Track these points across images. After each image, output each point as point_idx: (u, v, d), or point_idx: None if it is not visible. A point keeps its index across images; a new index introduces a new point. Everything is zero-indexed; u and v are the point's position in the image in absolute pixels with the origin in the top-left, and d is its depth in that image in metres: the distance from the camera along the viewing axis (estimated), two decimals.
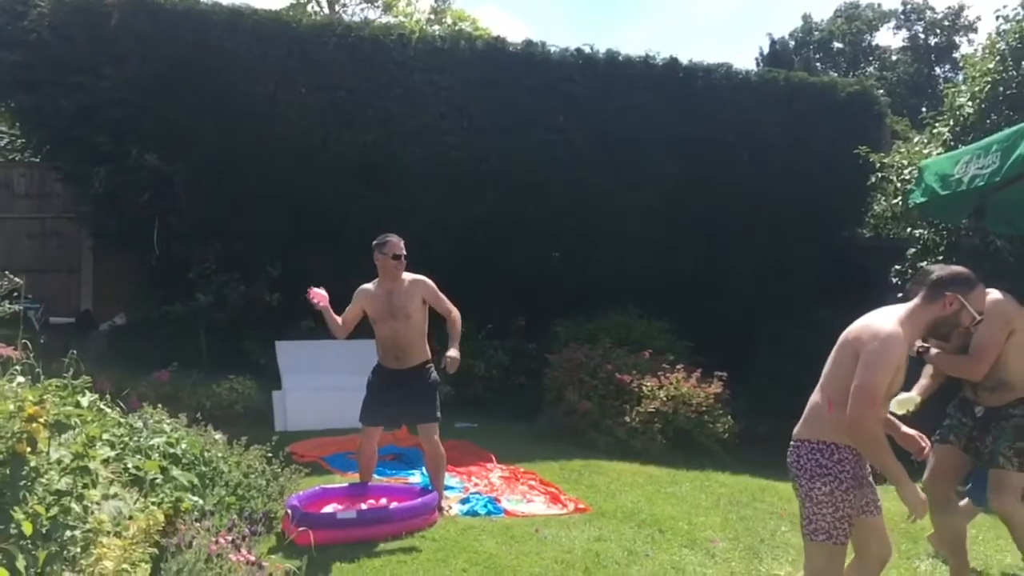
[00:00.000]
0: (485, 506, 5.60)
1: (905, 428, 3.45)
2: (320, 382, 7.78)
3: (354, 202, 8.99)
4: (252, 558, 3.31)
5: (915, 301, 3.28)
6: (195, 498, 3.91)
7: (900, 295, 8.02)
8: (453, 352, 5.22)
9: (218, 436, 5.02)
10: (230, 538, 3.42)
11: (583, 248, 9.88)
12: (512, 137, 9.48)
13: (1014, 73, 7.70)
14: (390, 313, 5.32)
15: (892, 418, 3.47)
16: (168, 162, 8.47)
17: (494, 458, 6.97)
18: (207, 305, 8.50)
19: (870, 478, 3.35)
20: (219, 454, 4.79)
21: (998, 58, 7.89)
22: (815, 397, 3.38)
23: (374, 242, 5.41)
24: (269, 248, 8.85)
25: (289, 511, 4.70)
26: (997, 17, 8.29)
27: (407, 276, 5.36)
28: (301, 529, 4.37)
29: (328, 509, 5.12)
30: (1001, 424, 4.14)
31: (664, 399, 7.68)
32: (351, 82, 9.07)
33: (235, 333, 8.62)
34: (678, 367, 8.09)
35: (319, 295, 5.26)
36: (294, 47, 8.90)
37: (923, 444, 3.41)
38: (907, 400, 3.99)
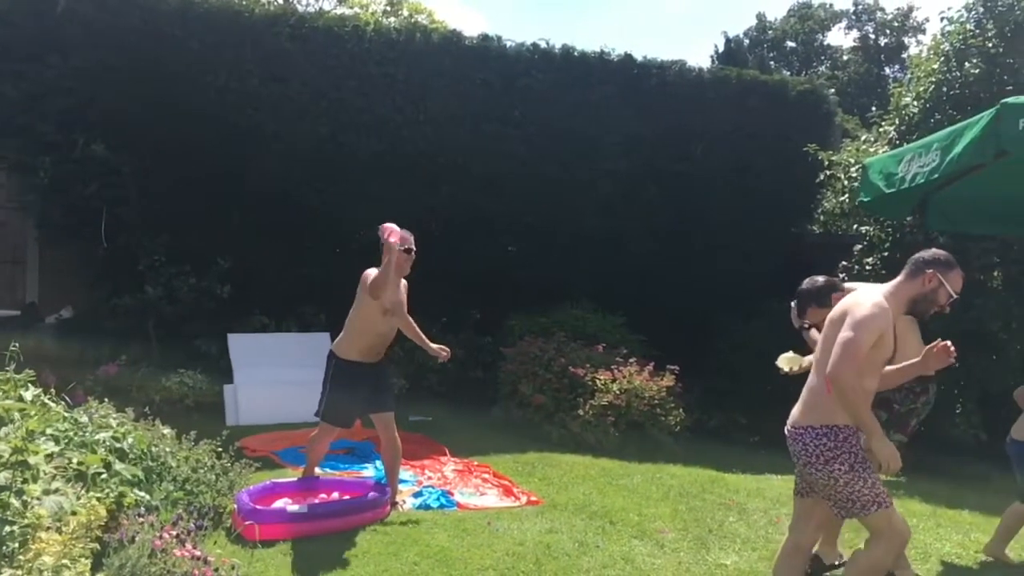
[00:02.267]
0: (438, 499, 5.60)
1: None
2: (273, 376, 7.71)
3: (308, 194, 8.93)
4: (197, 553, 3.27)
5: (898, 278, 3.48)
6: (141, 493, 3.86)
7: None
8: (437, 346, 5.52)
9: (166, 430, 4.95)
10: (175, 533, 3.38)
11: (539, 241, 9.91)
12: (468, 130, 9.49)
13: (957, 74, 7.92)
14: (393, 309, 5.31)
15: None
16: (116, 152, 8.30)
17: (448, 451, 6.99)
18: (156, 298, 8.35)
19: None
20: (167, 449, 4.72)
21: (942, 59, 8.11)
22: (812, 381, 3.47)
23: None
24: (220, 240, 8.73)
25: (238, 506, 4.66)
26: (942, 19, 8.51)
27: None
28: (248, 523, 4.33)
29: (279, 504, 5.08)
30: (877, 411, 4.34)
31: (617, 392, 7.74)
32: (305, 73, 8.98)
33: (185, 326, 8.49)
34: (631, 361, 8.17)
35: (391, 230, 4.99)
36: (246, 37, 8.78)
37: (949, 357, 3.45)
38: (792, 358, 4.40)
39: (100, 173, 8.32)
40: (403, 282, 5.41)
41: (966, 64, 7.89)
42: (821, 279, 4.33)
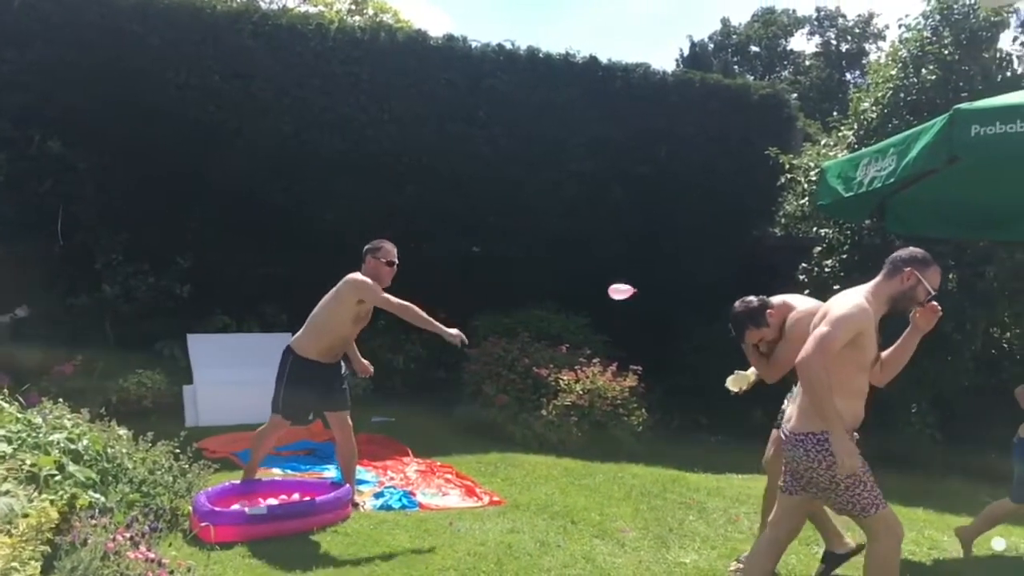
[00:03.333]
0: (400, 500, 5.58)
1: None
2: (233, 376, 7.62)
3: (271, 193, 8.85)
4: (152, 555, 3.23)
5: (877, 278, 3.56)
6: (95, 495, 3.80)
7: (807, 291, 8.37)
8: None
9: (122, 432, 4.87)
10: (128, 535, 3.33)
11: (503, 242, 9.92)
12: (433, 131, 9.47)
13: (914, 80, 8.07)
14: (365, 317, 5.35)
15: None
16: (73, 149, 8.16)
17: (410, 452, 6.97)
18: (114, 297, 8.23)
19: None
20: (123, 450, 4.65)
21: (900, 65, 8.25)
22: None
23: (367, 246, 5.35)
24: (180, 239, 8.61)
25: (196, 507, 4.60)
26: (900, 26, 8.66)
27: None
28: (204, 525, 4.28)
29: (238, 506, 5.02)
30: None
31: (580, 393, 7.77)
32: (268, 71, 8.90)
33: (144, 326, 8.36)
34: (595, 361, 8.20)
35: None
36: (208, 33, 8.68)
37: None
38: (742, 377, 4.52)
39: (56, 170, 8.18)
40: None
41: (923, 71, 8.04)
42: (754, 300, 4.38)
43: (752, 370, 4.60)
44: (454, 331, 5.28)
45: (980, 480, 7.22)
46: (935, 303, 3.55)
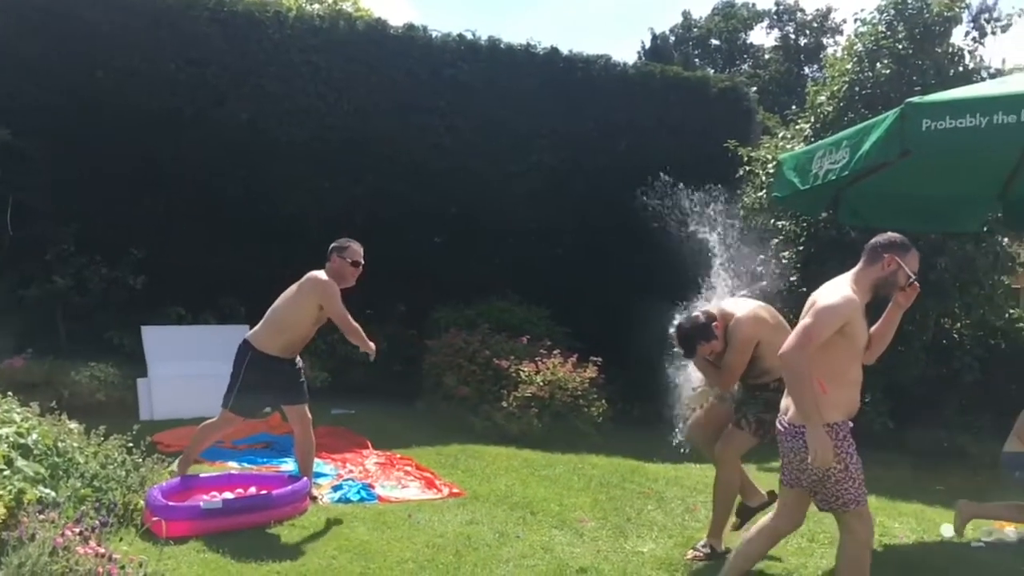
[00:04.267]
0: (358, 492, 5.55)
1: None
2: (188, 369, 7.51)
3: (227, 183, 8.73)
4: (101, 550, 3.17)
5: (858, 266, 3.60)
6: (45, 490, 3.72)
7: (764, 283, 8.47)
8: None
9: (73, 425, 4.78)
10: (78, 530, 3.27)
11: (465, 233, 9.89)
12: (394, 121, 9.41)
13: (869, 74, 8.19)
14: (326, 319, 5.29)
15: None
16: (22, 137, 7.96)
17: (370, 444, 6.93)
18: (65, 288, 8.06)
19: None
20: (75, 444, 4.56)
21: (855, 59, 8.37)
22: None
23: (333, 244, 5.27)
24: (134, 229, 8.45)
25: (149, 502, 4.53)
26: (856, 20, 8.78)
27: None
28: (155, 519, 4.21)
29: (193, 500, 4.95)
30: (757, 395, 4.58)
31: (541, 384, 7.79)
32: (224, 58, 8.78)
33: (97, 318, 8.21)
34: (555, 352, 8.23)
35: None
36: (162, 19, 8.53)
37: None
38: (701, 395, 4.71)
39: (4, 159, 7.97)
40: None
41: (877, 64, 8.16)
42: (699, 315, 4.52)
43: (705, 388, 4.74)
44: (371, 345, 5.35)
45: (931, 467, 7.38)
46: (916, 284, 3.58)
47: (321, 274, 5.18)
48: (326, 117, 9.13)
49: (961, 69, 8.20)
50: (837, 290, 3.48)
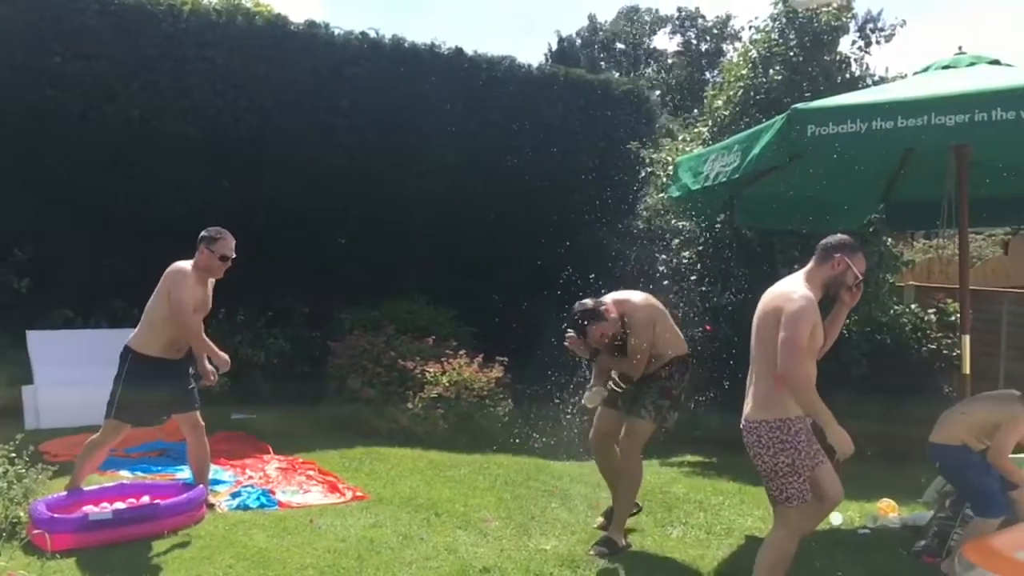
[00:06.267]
0: (258, 499, 5.43)
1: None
2: (77, 375, 7.14)
3: (119, 181, 8.37)
4: None
5: (809, 266, 3.74)
6: None
7: (666, 282, 8.68)
8: (211, 366, 5.17)
9: None
10: None
11: (370, 234, 9.76)
12: (294, 119, 9.21)
13: (763, 80, 8.45)
14: (203, 306, 5.07)
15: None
16: None
17: (271, 449, 6.78)
18: None
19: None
20: None
21: (750, 65, 8.62)
22: (757, 379, 3.66)
23: (203, 233, 5.04)
24: (18, 229, 8.02)
25: (33, 515, 4.32)
26: (751, 28, 9.06)
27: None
28: (37, 532, 4.03)
29: (83, 511, 4.74)
30: (651, 385, 4.81)
31: (447, 384, 7.76)
32: (115, 52, 8.40)
33: None
34: (461, 352, 8.21)
35: None
36: (46, 12, 8.09)
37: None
38: (595, 394, 4.81)
39: None
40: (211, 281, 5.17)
41: (771, 71, 8.43)
42: (588, 301, 4.75)
43: (598, 388, 4.89)
44: (210, 367, 5.08)
45: None
46: (861, 284, 3.77)
47: (183, 264, 5.00)
48: (223, 115, 8.87)
49: (848, 76, 8.55)
50: (798, 293, 3.57)
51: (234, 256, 5.09)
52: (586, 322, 4.65)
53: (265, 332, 8.83)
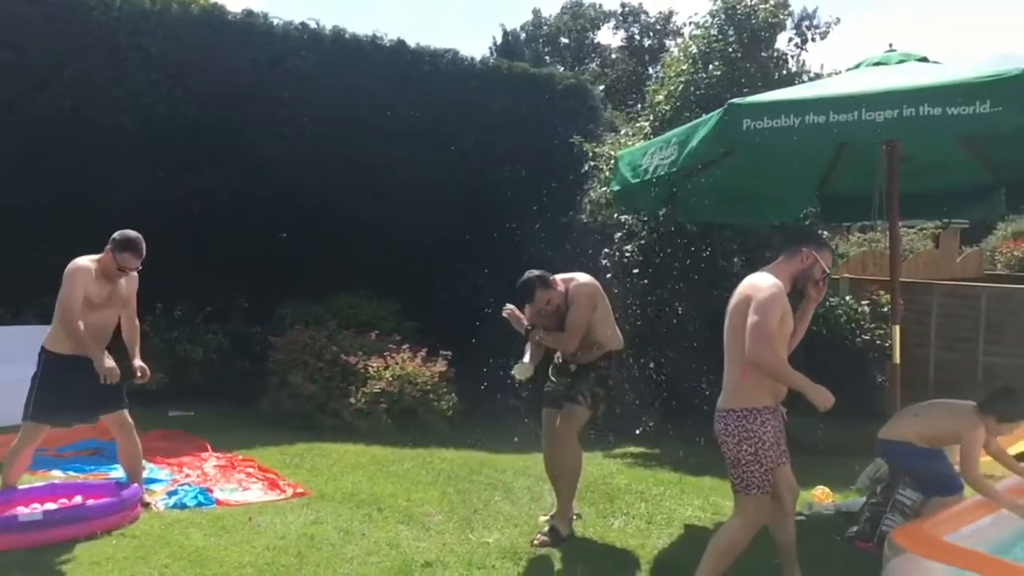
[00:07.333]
0: (195, 497, 5.32)
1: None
2: (7, 373, 6.92)
3: (48, 175, 8.10)
4: None
5: (779, 258, 3.87)
6: None
7: (609, 275, 8.73)
8: (140, 362, 5.05)
9: None
10: None
11: (312, 227, 9.61)
12: (233, 110, 9.03)
13: (703, 75, 8.57)
14: (110, 300, 4.93)
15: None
16: None
17: (209, 446, 6.64)
18: None
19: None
20: None
21: (690, 61, 8.74)
22: (728, 370, 3.73)
23: (115, 235, 4.86)
24: None
25: None
26: (691, 24, 9.18)
27: None
28: None
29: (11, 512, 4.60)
30: (589, 373, 4.91)
31: (390, 379, 7.72)
32: (45, 40, 8.13)
33: None
34: (404, 347, 8.18)
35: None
36: None
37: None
38: (526, 367, 4.81)
39: None
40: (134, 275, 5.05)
41: (710, 66, 8.55)
42: (535, 271, 4.84)
43: (529, 358, 4.90)
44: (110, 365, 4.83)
45: None
46: (826, 278, 3.91)
47: (82, 260, 4.89)
48: (158, 105, 8.65)
49: (785, 72, 8.72)
50: (768, 282, 3.66)
51: (135, 269, 4.93)
52: (535, 284, 4.72)
53: (204, 327, 8.65)
